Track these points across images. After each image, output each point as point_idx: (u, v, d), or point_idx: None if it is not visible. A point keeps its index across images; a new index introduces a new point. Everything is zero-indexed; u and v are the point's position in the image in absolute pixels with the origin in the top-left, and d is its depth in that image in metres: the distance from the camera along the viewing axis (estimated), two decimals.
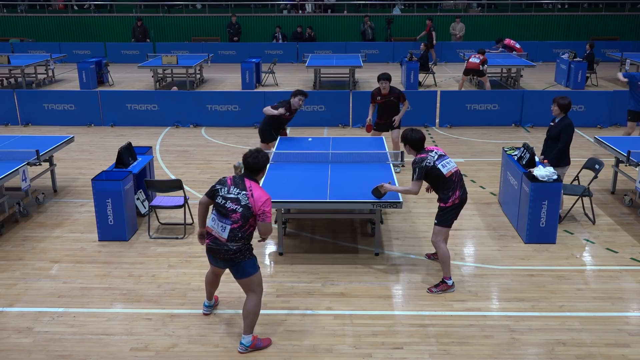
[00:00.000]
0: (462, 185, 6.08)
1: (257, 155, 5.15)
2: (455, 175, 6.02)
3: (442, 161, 5.99)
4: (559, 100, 7.70)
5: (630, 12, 24.62)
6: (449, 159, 6.08)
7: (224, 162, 10.63)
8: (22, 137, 9.36)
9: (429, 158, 5.97)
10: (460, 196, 6.04)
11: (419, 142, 6.09)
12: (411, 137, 6.08)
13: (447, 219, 6.12)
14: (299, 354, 5.23)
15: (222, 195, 5.08)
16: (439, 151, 6.09)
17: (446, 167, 5.97)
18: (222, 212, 5.05)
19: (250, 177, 5.13)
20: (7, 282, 6.47)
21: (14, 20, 25.17)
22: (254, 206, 4.98)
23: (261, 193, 5.03)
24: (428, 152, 6.07)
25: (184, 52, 21.13)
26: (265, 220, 5.03)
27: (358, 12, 25.16)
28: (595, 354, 5.20)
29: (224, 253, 5.06)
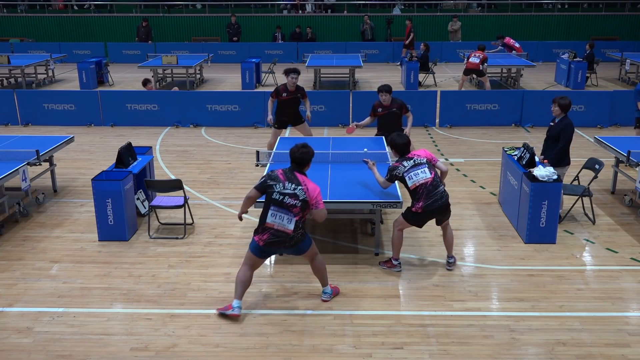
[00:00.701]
0: (431, 197, 6.18)
1: (305, 150, 5.59)
2: (422, 187, 6.16)
3: (413, 171, 6.21)
4: (559, 100, 7.70)
5: (630, 12, 24.62)
6: (425, 168, 6.23)
7: (224, 162, 10.63)
8: (22, 137, 9.36)
9: (400, 168, 6.25)
10: (423, 207, 6.19)
11: (401, 147, 6.37)
12: (396, 142, 6.37)
13: (409, 219, 6.39)
14: (299, 354, 5.23)
15: (279, 192, 5.49)
16: (420, 157, 6.30)
17: (412, 180, 6.18)
18: (282, 206, 5.48)
19: (300, 170, 5.60)
20: (7, 282, 6.47)
21: (14, 20, 25.17)
22: (310, 198, 5.47)
23: (313, 186, 5.55)
24: (406, 159, 6.30)
25: (184, 52, 21.13)
26: (319, 207, 5.53)
27: (358, 12, 25.17)
28: (595, 354, 5.20)
29: (288, 242, 5.54)
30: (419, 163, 6.24)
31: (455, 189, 9.18)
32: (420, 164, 6.23)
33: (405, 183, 6.25)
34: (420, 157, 6.30)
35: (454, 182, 9.49)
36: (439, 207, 6.25)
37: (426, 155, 6.38)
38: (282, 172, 5.60)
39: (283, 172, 5.60)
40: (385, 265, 6.68)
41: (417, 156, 6.31)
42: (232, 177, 9.79)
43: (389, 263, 6.68)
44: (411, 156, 6.31)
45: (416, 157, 6.29)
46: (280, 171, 5.62)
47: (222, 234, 7.65)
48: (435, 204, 6.21)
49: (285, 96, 9.80)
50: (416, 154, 6.34)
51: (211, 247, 7.27)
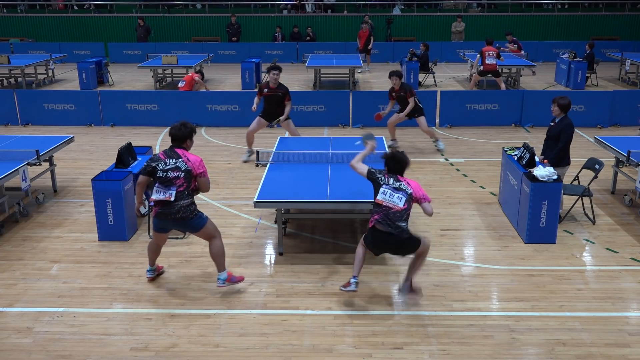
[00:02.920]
0: (386, 222, 5.66)
1: (180, 127, 5.85)
2: (385, 208, 5.69)
3: (390, 190, 5.71)
4: (558, 100, 7.70)
5: (630, 12, 24.62)
6: (403, 198, 5.67)
7: (224, 162, 10.63)
8: (22, 137, 9.36)
9: (382, 178, 5.82)
10: (375, 222, 5.74)
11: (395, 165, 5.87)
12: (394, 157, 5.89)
13: (366, 235, 5.93)
14: (299, 354, 5.23)
15: (162, 169, 5.77)
16: (407, 187, 5.74)
17: (383, 195, 5.72)
18: (166, 182, 5.75)
19: (179, 146, 5.85)
20: (7, 282, 6.46)
21: (14, 20, 25.18)
22: (193, 168, 5.76)
23: (194, 157, 5.83)
24: (394, 177, 5.81)
25: (184, 52, 21.14)
26: (204, 176, 5.86)
27: (358, 12, 25.16)
28: (595, 354, 5.20)
29: (174, 213, 5.78)
30: (402, 190, 5.71)
31: (455, 189, 9.19)
32: (402, 191, 5.70)
33: (375, 191, 5.81)
34: (408, 187, 5.75)
35: (454, 182, 9.49)
36: (389, 236, 5.67)
37: (415, 189, 5.77)
38: (163, 152, 5.84)
39: (164, 152, 5.84)
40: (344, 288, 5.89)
41: (406, 184, 5.77)
42: (232, 177, 9.79)
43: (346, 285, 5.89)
44: (401, 180, 5.80)
45: (403, 184, 5.76)
46: (162, 152, 5.87)
47: (222, 234, 7.62)
48: (386, 228, 5.66)
49: (266, 92, 10.14)
50: (406, 182, 5.79)
51: None
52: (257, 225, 7.87)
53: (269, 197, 6.73)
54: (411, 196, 5.72)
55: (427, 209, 5.81)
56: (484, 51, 15.11)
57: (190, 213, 5.85)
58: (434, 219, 8.03)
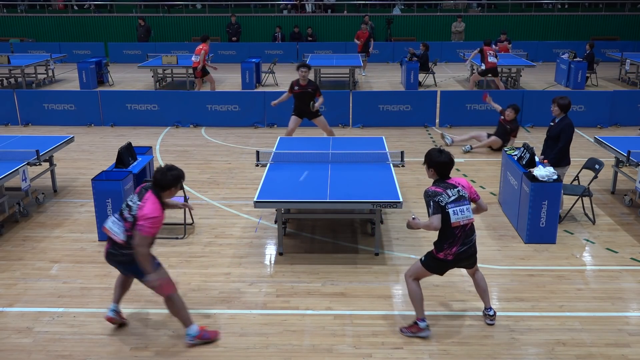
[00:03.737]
0: (466, 243, 5.17)
1: (166, 172, 5.14)
2: (461, 229, 5.11)
3: (458, 205, 5.08)
4: (558, 100, 7.70)
5: (630, 12, 24.62)
6: (468, 205, 5.16)
7: (224, 162, 10.63)
8: (22, 137, 9.36)
9: (444, 196, 5.06)
10: (456, 253, 5.16)
11: (442, 167, 5.15)
12: (437, 160, 5.13)
13: (432, 267, 5.30)
14: (299, 354, 5.23)
15: (127, 201, 5.20)
16: (464, 190, 5.17)
17: (457, 216, 5.07)
18: (120, 216, 5.15)
19: (155, 191, 5.10)
20: (7, 282, 6.46)
21: (14, 20, 25.18)
22: (138, 217, 4.95)
23: (151, 209, 4.92)
24: (449, 186, 5.13)
25: (184, 52, 21.13)
26: (140, 231, 4.89)
27: (358, 12, 25.17)
28: (595, 354, 5.20)
29: (119, 256, 5.20)
30: (463, 197, 5.12)
31: None
32: (464, 199, 5.13)
33: (446, 217, 5.06)
34: (464, 189, 5.17)
35: None
36: (470, 254, 5.29)
37: (469, 187, 5.25)
38: (142, 186, 5.23)
39: (142, 186, 5.23)
40: (409, 331, 5.43)
41: (461, 186, 5.16)
42: (232, 177, 9.79)
43: (413, 327, 5.43)
44: (454, 184, 5.15)
45: (460, 188, 5.14)
46: (144, 184, 5.26)
47: (222, 234, 7.65)
48: (469, 251, 5.23)
49: (297, 89, 10.27)
50: (460, 184, 5.18)
51: (211, 247, 7.27)
52: (257, 225, 7.87)
53: (269, 197, 6.73)
54: (470, 199, 5.25)
55: (483, 206, 5.39)
56: (485, 50, 15.06)
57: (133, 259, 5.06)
58: None
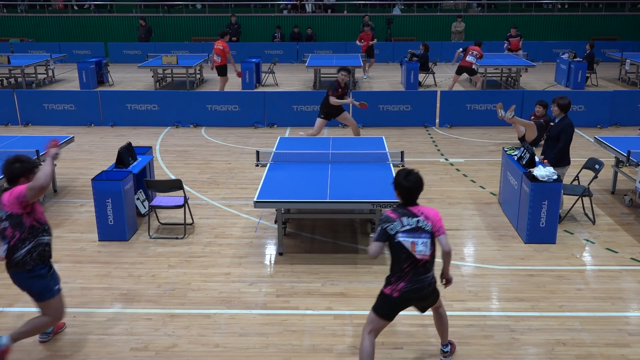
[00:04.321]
0: (417, 281, 4.51)
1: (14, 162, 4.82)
2: (411, 263, 4.46)
3: (411, 236, 4.44)
4: (558, 100, 7.70)
5: (630, 12, 24.62)
6: (427, 240, 4.47)
7: (224, 162, 10.63)
8: (22, 137, 9.36)
9: (396, 223, 4.46)
10: (402, 290, 4.51)
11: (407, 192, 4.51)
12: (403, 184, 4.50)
13: (380, 307, 4.65)
14: (299, 354, 5.23)
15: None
16: (427, 222, 4.47)
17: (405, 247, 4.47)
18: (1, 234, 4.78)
19: (9, 188, 4.78)
20: (7, 282, 6.41)
21: (14, 20, 25.17)
22: (11, 205, 4.66)
23: (12, 191, 4.68)
24: (408, 214, 4.49)
25: (184, 52, 21.14)
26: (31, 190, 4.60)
27: (358, 12, 25.16)
28: (595, 354, 5.20)
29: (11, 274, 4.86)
30: (423, 229, 4.45)
31: (455, 189, 9.19)
32: (423, 231, 4.45)
33: (391, 245, 4.49)
34: (428, 222, 4.48)
35: (454, 182, 9.49)
36: (423, 296, 4.62)
37: (435, 220, 4.51)
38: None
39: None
40: None
41: (424, 217, 4.48)
42: (232, 177, 9.79)
43: None
44: (416, 212, 4.49)
45: (422, 219, 4.47)
46: None
47: (222, 234, 7.65)
48: (419, 292, 4.56)
49: (340, 92, 10.75)
50: (424, 213, 4.50)
51: (211, 247, 7.27)
52: (257, 225, 7.87)
53: (269, 197, 6.73)
54: (433, 234, 4.50)
55: (445, 246, 4.56)
56: (468, 49, 15.20)
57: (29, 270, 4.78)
58: None
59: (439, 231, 4.52)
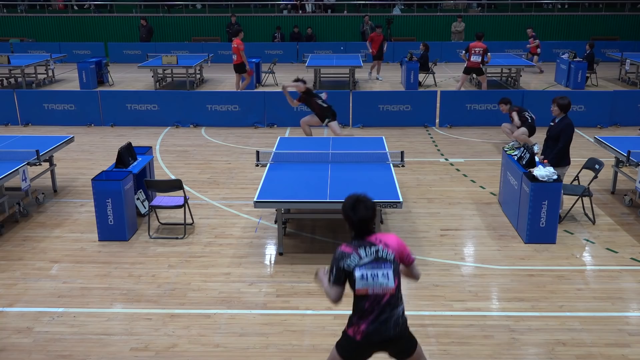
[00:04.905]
0: (380, 321, 3.84)
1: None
2: (373, 300, 3.84)
3: (370, 269, 3.82)
4: (558, 100, 7.70)
5: (630, 12, 24.62)
6: (389, 271, 3.84)
7: (224, 162, 10.63)
8: (22, 137, 9.36)
9: (351, 258, 3.85)
10: (365, 333, 3.85)
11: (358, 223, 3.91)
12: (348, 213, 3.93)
13: (342, 346, 3.98)
14: (299, 354, 5.23)
15: None
16: (387, 250, 3.87)
17: (363, 282, 3.84)
18: None
19: None
20: (7, 282, 6.47)
21: (14, 20, 25.17)
22: None
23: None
24: (364, 245, 3.89)
25: (184, 52, 21.14)
26: None
27: (358, 12, 25.17)
28: (595, 354, 5.20)
29: None
30: (383, 259, 3.84)
31: (455, 189, 9.19)
32: (385, 261, 3.84)
33: (351, 282, 3.88)
34: (388, 250, 3.87)
35: (454, 182, 9.49)
36: (391, 338, 3.88)
37: (397, 248, 3.92)
38: None
39: None
40: None
41: (383, 245, 3.88)
42: (232, 177, 9.79)
43: None
44: (373, 241, 3.89)
45: (381, 247, 3.87)
46: None
47: (222, 234, 7.66)
48: (385, 333, 3.85)
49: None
50: (383, 241, 3.90)
51: (211, 247, 7.27)
52: (257, 225, 7.87)
53: (269, 197, 6.73)
54: (396, 263, 3.91)
55: (415, 273, 4.10)
56: (470, 47, 14.95)
57: None
58: (434, 218, 8.04)
59: (408, 259, 3.99)
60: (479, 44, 14.93)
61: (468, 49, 15.02)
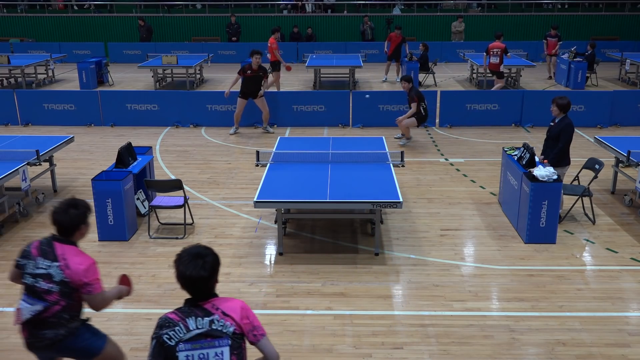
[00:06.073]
0: None
1: (67, 210, 3.84)
2: None
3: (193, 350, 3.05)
4: (558, 100, 7.70)
5: (630, 12, 24.62)
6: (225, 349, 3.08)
7: (224, 162, 10.63)
8: (22, 137, 9.36)
9: (171, 332, 3.08)
10: None
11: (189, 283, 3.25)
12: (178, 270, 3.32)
13: None
14: (299, 354, 5.23)
15: (30, 273, 3.89)
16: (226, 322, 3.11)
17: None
18: (34, 294, 3.87)
19: (63, 240, 3.89)
20: (7, 282, 6.42)
21: (14, 20, 25.17)
22: (72, 280, 3.76)
23: (80, 259, 3.80)
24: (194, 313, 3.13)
25: (184, 52, 21.14)
26: (92, 293, 3.79)
27: (358, 12, 25.17)
28: (595, 354, 5.20)
29: (52, 343, 3.86)
30: (218, 334, 3.08)
31: (455, 189, 9.19)
32: (221, 337, 3.08)
33: None
34: (227, 321, 3.12)
35: (454, 182, 9.49)
36: None
37: (239, 319, 3.17)
38: (38, 245, 3.95)
39: (39, 245, 3.95)
40: None
41: (219, 314, 3.13)
42: (232, 177, 9.79)
43: None
44: (209, 309, 3.14)
45: (217, 317, 3.11)
46: (36, 243, 3.96)
47: (222, 234, 7.66)
48: None
49: (249, 73, 11.94)
50: (221, 309, 3.15)
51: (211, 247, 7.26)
52: (257, 225, 7.87)
53: (269, 197, 6.73)
54: (235, 338, 3.13)
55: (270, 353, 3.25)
56: (489, 48, 14.82)
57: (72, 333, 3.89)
58: (434, 218, 8.04)
59: (255, 334, 3.17)
60: (497, 44, 14.77)
61: (487, 51, 14.90)
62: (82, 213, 3.88)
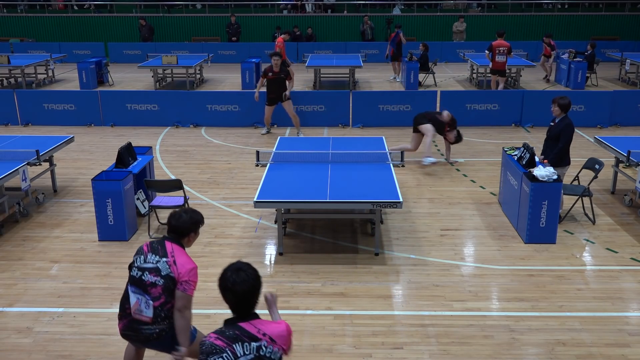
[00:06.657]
0: None
1: (182, 215, 4.24)
2: None
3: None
4: (558, 100, 7.70)
5: (630, 12, 24.62)
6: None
7: (224, 162, 10.63)
8: (22, 137, 9.36)
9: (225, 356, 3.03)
10: None
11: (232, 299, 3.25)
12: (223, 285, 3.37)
13: None
14: (299, 354, 5.23)
15: (138, 266, 4.14)
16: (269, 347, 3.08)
17: None
18: (140, 286, 4.10)
19: (174, 239, 4.22)
20: (7, 282, 6.46)
21: (14, 20, 25.17)
22: (177, 275, 4.08)
23: (186, 259, 4.16)
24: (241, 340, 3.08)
25: (184, 52, 21.13)
26: (186, 291, 4.10)
27: (358, 12, 25.17)
28: (595, 354, 5.20)
29: (149, 336, 4.13)
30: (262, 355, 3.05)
31: (455, 189, 9.19)
32: None
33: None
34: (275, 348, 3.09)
35: (454, 182, 9.49)
36: None
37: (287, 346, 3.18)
38: (148, 243, 4.25)
39: (149, 243, 4.24)
40: None
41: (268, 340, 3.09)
42: (232, 177, 9.79)
43: None
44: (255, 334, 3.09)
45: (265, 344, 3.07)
46: (147, 242, 4.28)
47: (222, 234, 7.65)
48: None
49: (270, 76, 11.77)
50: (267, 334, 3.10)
51: (211, 247, 7.27)
52: (257, 225, 7.87)
53: (269, 197, 6.73)
54: None
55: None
56: (494, 47, 14.48)
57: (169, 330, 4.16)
58: (434, 218, 8.04)
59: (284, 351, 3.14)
60: (502, 42, 14.46)
61: (491, 49, 14.58)
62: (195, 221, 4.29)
